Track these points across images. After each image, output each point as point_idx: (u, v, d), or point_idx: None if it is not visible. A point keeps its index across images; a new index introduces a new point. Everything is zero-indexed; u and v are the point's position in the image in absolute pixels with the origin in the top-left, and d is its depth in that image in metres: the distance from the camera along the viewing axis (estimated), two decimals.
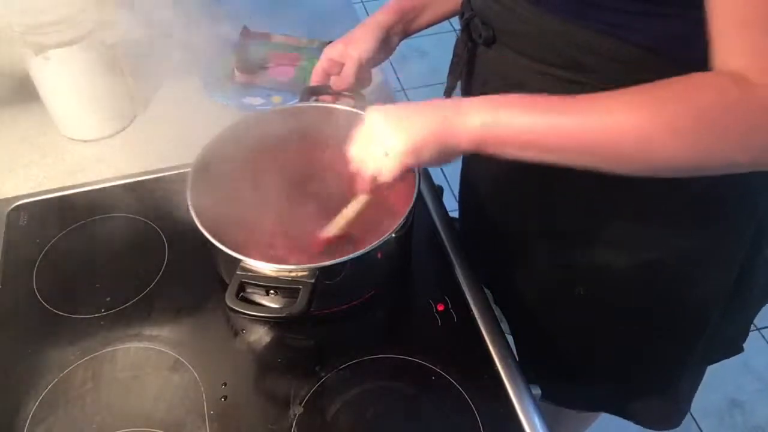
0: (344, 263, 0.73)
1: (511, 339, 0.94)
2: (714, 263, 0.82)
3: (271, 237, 0.85)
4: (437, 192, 0.98)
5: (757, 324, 1.82)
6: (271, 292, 0.73)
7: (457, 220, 0.97)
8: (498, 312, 0.89)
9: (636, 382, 0.99)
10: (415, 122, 0.65)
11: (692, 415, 1.66)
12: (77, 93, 1.03)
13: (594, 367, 0.97)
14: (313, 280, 0.71)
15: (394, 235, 0.75)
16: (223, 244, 0.73)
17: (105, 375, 0.77)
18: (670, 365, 0.94)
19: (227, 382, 0.75)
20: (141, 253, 0.89)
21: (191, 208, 0.76)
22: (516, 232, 0.89)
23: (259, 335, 0.80)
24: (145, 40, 0.95)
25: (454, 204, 1.10)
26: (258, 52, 1.19)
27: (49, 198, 0.96)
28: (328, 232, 0.81)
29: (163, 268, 0.87)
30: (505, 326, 0.91)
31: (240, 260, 0.72)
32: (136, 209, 0.93)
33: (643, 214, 0.77)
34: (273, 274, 0.72)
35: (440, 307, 0.82)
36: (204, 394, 0.74)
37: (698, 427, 1.66)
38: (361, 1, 2.87)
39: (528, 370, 0.77)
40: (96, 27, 0.96)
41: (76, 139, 1.07)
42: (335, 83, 0.92)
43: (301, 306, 0.70)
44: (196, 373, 0.76)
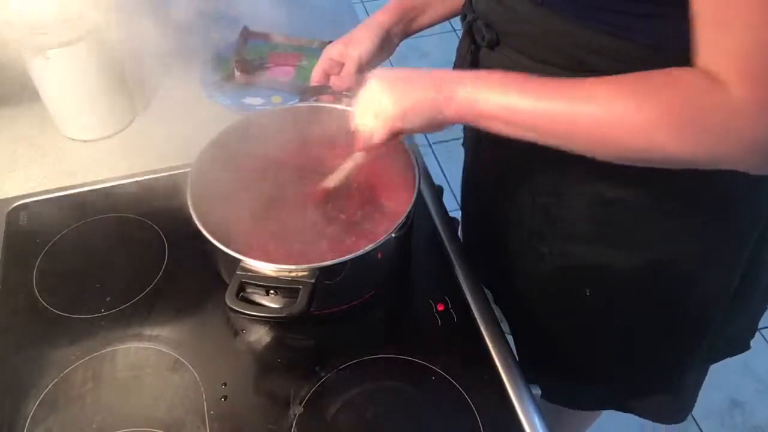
0: (344, 263, 0.73)
1: (511, 339, 0.94)
2: (718, 263, 0.82)
3: (271, 237, 0.85)
4: (437, 192, 0.98)
5: (759, 324, 1.81)
6: (271, 292, 0.73)
7: (457, 220, 0.97)
8: (498, 312, 0.89)
9: (637, 382, 0.99)
10: (408, 89, 0.68)
11: (692, 415, 1.66)
12: (77, 93, 1.03)
13: (594, 367, 0.97)
14: (313, 280, 0.71)
15: (394, 235, 0.75)
16: (223, 244, 0.73)
17: (105, 375, 0.77)
18: (672, 365, 0.94)
19: (227, 382, 0.75)
20: (141, 253, 0.89)
21: (191, 208, 0.76)
22: (517, 232, 0.89)
23: (259, 335, 0.80)
24: (145, 40, 0.95)
25: (454, 204, 1.10)
26: (258, 52, 1.19)
27: (49, 198, 0.96)
28: (327, 183, 0.84)
29: (163, 268, 0.87)
30: (505, 326, 0.91)
31: (240, 260, 0.72)
32: (136, 209, 0.93)
33: (647, 215, 0.76)
34: (273, 274, 0.72)
35: (440, 307, 0.82)
36: (204, 394, 0.74)
37: (698, 427, 1.65)
38: (361, 1, 2.87)
39: (528, 370, 0.77)
40: (96, 27, 0.96)
41: (76, 139, 1.07)
42: (335, 83, 0.92)
43: (301, 306, 0.70)
44: (196, 373, 0.76)
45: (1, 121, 1.09)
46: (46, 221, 0.93)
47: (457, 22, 0.87)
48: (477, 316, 0.81)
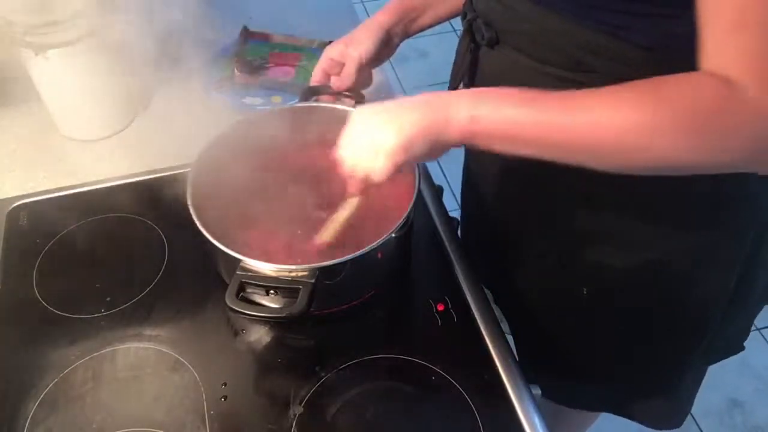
0: (344, 263, 0.73)
1: (511, 339, 0.94)
2: (716, 264, 0.82)
3: (272, 237, 0.85)
4: (437, 192, 0.98)
5: (757, 324, 1.81)
6: (271, 292, 0.73)
7: (457, 220, 0.97)
8: (498, 312, 0.89)
9: (637, 382, 0.99)
10: (405, 118, 0.65)
11: (692, 415, 1.66)
12: (77, 93, 1.03)
13: (594, 367, 0.97)
14: (313, 280, 0.71)
15: (394, 235, 0.75)
16: (223, 244, 0.73)
17: (105, 375, 0.77)
18: (672, 365, 0.94)
19: (227, 382, 0.75)
20: (141, 253, 0.89)
21: (191, 208, 0.76)
22: (517, 232, 0.89)
23: (259, 335, 0.80)
24: (145, 40, 0.95)
25: (454, 204, 1.10)
26: (258, 52, 1.19)
27: (49, 198, 0.96)
28: (321, 238, 0.80)
29: (163, 268, 0.87)
30: (505, 326, 0.91)
31: (240, 260, 0.72)
32: (136, 209, 0.93)
33: (646, 215, 0.77)
34: (273, 274, 0.72)
35: (440, 307, 0.82)
36: (204, 394, 0.74)
37: (698, 427, 1.65)
38: (361, 1, 2.87)
39: (528, 370, 0.77)
40: (96, 27, 0.96)
41: (76, 139, 1.07)
42: (335, 83, 0.92)
43: (301, 306, 0.70)
44: (196, 373, 0.76)
45: (1, 121, 1.09)
46: (46, 221, 0.92)
47: (457, 22, 0.86)
48: (477, 316, 0.81)
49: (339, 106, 0.89)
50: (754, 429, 1.67)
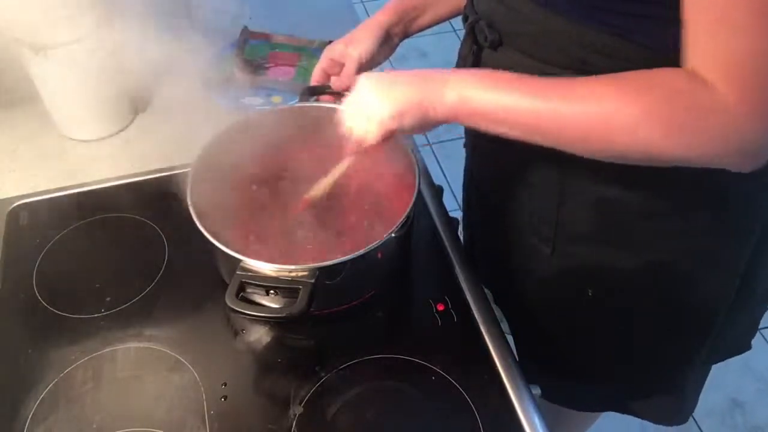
0: (344, 263, 0.73)
1: (511, 339, 0.94)
2: (718, 264, 0.82)
3: (271, 236, 0.85)
4: (437, 192, 0.98)
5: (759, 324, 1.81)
6: (271, 292, 0.73)
7: (457, 220, 0.97)
8: (498, 312, 0.89)
9: (638, 383, 0.99)
10: (401, 90, 0.69)
11: (692, 416, 1.65)
12: (77, 93, 1.03)
13: (595, 367, 0.97)
14: (313, 280, 0.71)
15: (394, 235, 0.75)
16: (223, 244, 0.73)
17: (105, 375, 0.77)
18: (674, 366, 0.94)
19: (227, 382, 0.75)
20: (141, 253, 0.89)
21: (191, 208, 0.76)
22: (518, 232, 0.89)
23: (259, 335, 0.80)
24: (146, 40, 0.95)
25: (454, 204, 1.10)
26: (258, 52, 1.19)
27: (49, 198, 0.96)
28: (311, 193, 0.83)
29: (163, 268, 0.87)
30: (505, 326, 0.91)
31: (240, 260, 0.72)
32: (136, 209, 0.93)
33: (647, 216, 0.76)
34: (273, 274, 0.72)
35: (440, 307, 0.82)
36: (204, 394, 0.74)
37: (698, 427, 1.65)
38: (361, 1, 2.87)
39: (528, 370, 0.77)
40: (96, 27, 0.96)
41: (76, 139, 1.07)
42: (335, 83, 0.92)
43: (301, 306, 0.70)
44: (196, 373, 0.76)
45: (1, 121, 1.09)
46: (46, 221, 0.93)
47: (457, 22, 0.86)
48: (477, 316, 0.81)
49: (339, 106, 0.89)
50: (755, 429, 1.67)
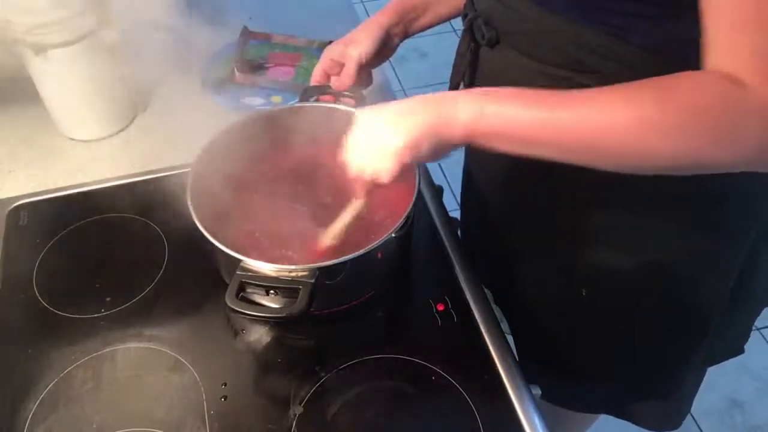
0: (344, 263, 0.73)
1: (511, 339, 0.94)
2: (716, 265, 0.82)
3: (271, 237, 0.85)
4: (437, 192, 0.98)
5: (757, 324, 1.81)
6: (271, 292, 0.73)
7: (457, 220, 0.97)
8: (498, 312, 0.89)
9: (637, 383, 0.99)
10: (411, 119, 0.64)
11: (692, 415, 1.66)
12: (77, 93, 1.02)
13: (594, 368, 0.97)
14: (313, 280, 0.71)
15: (394, 235, 0.75)
16: (223, 244, 0.73)
17: (105, 375, 0.76)
18: (672, 367, 0.94)
19: (227, 382, 0.75)
20: (141, 253, 0.89)
21: (191, 208, 0.76)
22: (517, 232, 0.89)
23: (259, 335, 0.80)
24: (145, 40, 0.95)
25: (454, 204, 1.10)
26: (258, 52, 1.19)
27: (49, 198, 0.96)
28: (325, 240, 0.80)
29: (163, 268, 0.87)
30: (505, 326, 0.91)
31: (240, 260, 0.72)
32: (136, 209, 0.93)
33: (646, 216, 0.77)
34: (273, 274, 0.72)
35: (440, 307, 0.82)
36: (204, 394, 0.74)
37: (698, 427, 1.66)
38: (361, 1, 2.87)
39: (528, 370, 0.77)
40: (96, 27, 0.96)
41: (76, 139, 1.07)
42: (335, 83, 0.92)
43: (301, 306, 0.70)
44: (196, 373, 0.76)
45: (1, 121, 1.09)
46: (46, 221, 0.93)
47: (457, 22, 0.86)
48: (477, 316, 0.81)
49: (339, 106, 0.89)
50: (754, 429, 1.67)
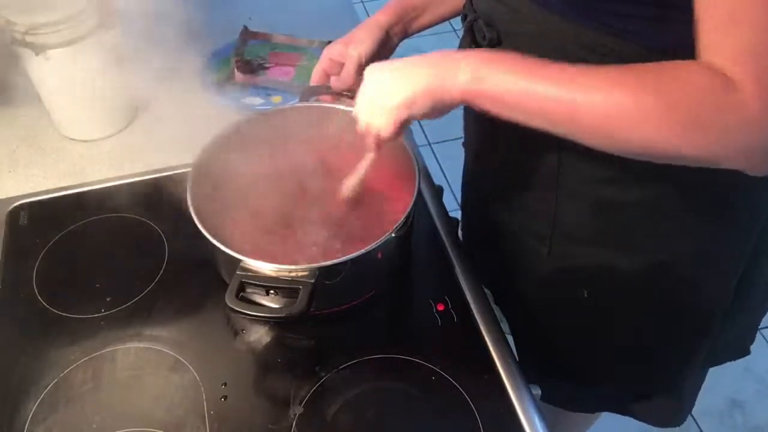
0: (344, 263, 0.73)
1: (511, 339, 0.94)
2: (717, 265, 0.82)
3: (272, 237, 0.85)
4: (437, 192, 0.98)
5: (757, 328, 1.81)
6: (271, 292, 0.73)
7: (457, 220, 0.97)
8: (498, 312, 0.89)
9: (637, 383, 0.99)
10: (411, 76, 0.67)
11: (692, 415, 1.66)
12: (77, 93, 1.03)
13: (595, 368, 0.97)
14: (313, 280, 0.71)
15: (394, 235, 0.75)
16: (223, 244, 0.73)
17: (105, 375, 0.76)
18: (673, 367, 0.94)
19: (227, 382, 0.75)
20: (141, 253, 0.89)
21: (191, 208, 0.76)
22: (518, 232, 0.89)
23: (259, 335, 0.80)
24: (145, 40, 0.95)
25: (454, 204, 1.10)
26: (258, 52, 1.19)
27: (49, 198, 0.96)
28: (345, 191, 0.84)
29: (163, 268, 0.87)
30: (505, 326, 0.91)
31: (240, 260, 0.72)
32: (136, 209, 0.93)
33: (647, 216, 0.76)
34: (273, 274, 0.72)
35: (440, 307, 0.82)
36: (204, 394, 0.74)
37: (698, 427, 1.65)
38: (361, 1, 2.87)
39: (528, 370, 0.77)
40: (96, 27, 0.96)
41: (76, 139, 1.07)
42: (335, 83, 0.92)
43: (301, 306, 0.70)
44: (196, 373, 0.76)
45: (1, 121, 1.09)
46: (46, 221, 0.93)
47: (457, 22, 0.86)
48: (477, 316, 0.81)
49: (339, 106, 0.89)
50: (755, 429, 1.67)
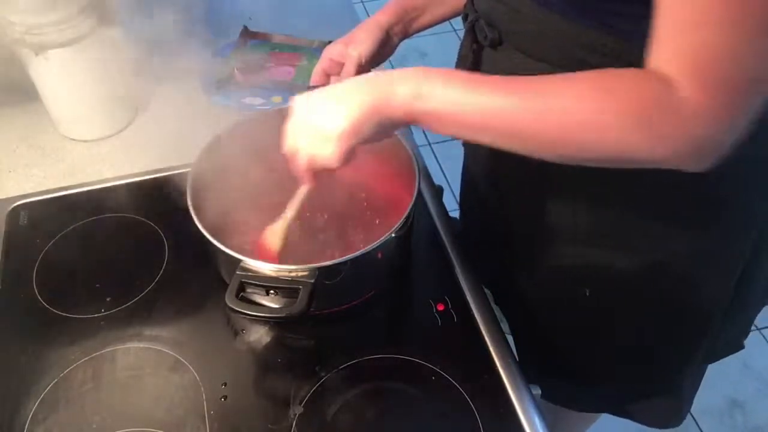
0: (344, 263, 0.73)
1: (511, 339, 0.94)
2: (716, 265, 0.82)
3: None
4: (437, 192, 0.98)
5: (757, 324, 1.82)
6: (271, 292, 0.73)
7: (457, 220, 0.97)
8: (498, 312, 0.89)
9: (638, 383, 0.99)
10: (350, 100, 0.64)
11: (692, 415, 1.66)
12: (77, 93, 1.03)
13: (594, 367, 0.97)
14: (313, 280, 0.71)
15: (394, 235, 0.75)
16: (223, 244, 0.73)
17: (105, 375, 0.77)
18: (673, 366, 0.94)
19: (227, 382, 0.75)
20: (141, 253, 0.89)
21: (191, 208, 0.76)
22: (517, 232, 0.89)
23: (259, 335, 0.80)
24: (145, 40, 0.95)
25: (454, 204, 1.10)
26: (258, 52, 1.19)
27: (49, 198, 0.96)
28: (272, 238, 0.78)
29: (163, 268, 0.87)
30: (505, 326, 0.91)
31: (240, 260, 0.72)
32: (136, 209, 0.93)
33: (646, 216, 0.76)
34: (273, 274, 0.72)
35: (440, 307, 0.82)
36: (204, 394, 0.74)
37: (698, 427, 1.65)
38: (361, 1, 2.87)
39: (528, 370, 0.77)
40: (96, 27, 0.96)
41: (76, 139, 1.07)
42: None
43: (301, 306, 0.70)
44: (196, 373, 0.76)
45: (1, 121, 1.09)
46: (46, 221, 0.93)
47: (457, 22, 0.86)
48: (477, 316, 0.81)
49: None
50: (755, 429, 1.67)
